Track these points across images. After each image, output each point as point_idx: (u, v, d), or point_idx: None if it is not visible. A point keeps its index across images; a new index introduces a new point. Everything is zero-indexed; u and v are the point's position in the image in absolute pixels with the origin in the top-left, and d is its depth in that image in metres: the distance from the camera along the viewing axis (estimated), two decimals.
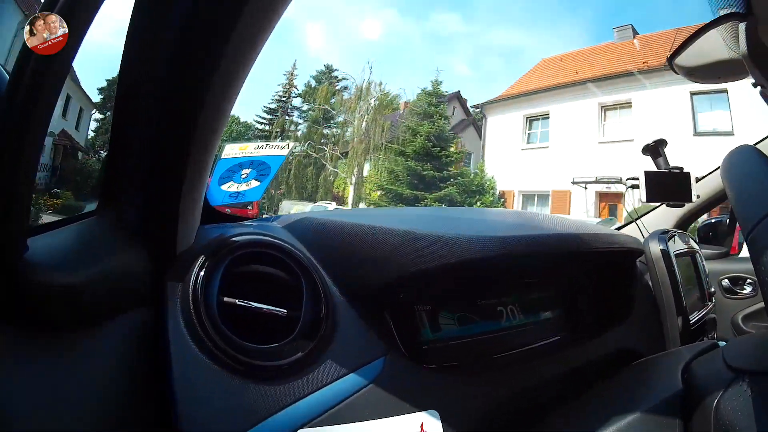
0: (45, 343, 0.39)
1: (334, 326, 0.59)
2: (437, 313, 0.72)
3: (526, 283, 0.85)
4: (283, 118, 24.83)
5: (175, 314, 0.52)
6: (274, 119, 24.93)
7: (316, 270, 0.62)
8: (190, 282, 0.53)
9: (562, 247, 0.77)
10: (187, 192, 0.53)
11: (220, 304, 0.53)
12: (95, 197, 0.55)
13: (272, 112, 25.29)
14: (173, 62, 0.45)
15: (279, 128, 24.52)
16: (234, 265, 0.56)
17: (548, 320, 0.87)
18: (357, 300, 0.63)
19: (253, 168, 0.68)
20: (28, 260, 0.38)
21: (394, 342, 0.63)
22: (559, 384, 0.77)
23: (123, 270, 0.50)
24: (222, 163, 0.66)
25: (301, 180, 20.79)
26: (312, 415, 0.52)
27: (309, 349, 0.55)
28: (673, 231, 1.19)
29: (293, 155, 19.87)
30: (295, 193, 20.43)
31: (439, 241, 0.63)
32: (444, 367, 0.66)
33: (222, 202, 0.69)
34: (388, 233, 0.64)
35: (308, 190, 20.88)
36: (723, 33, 0.78)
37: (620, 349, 0.93)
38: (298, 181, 20.68)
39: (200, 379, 0.49)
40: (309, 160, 21.26)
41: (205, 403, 0.48)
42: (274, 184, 20.05)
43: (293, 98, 25.48)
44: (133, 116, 0.49)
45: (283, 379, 0.53)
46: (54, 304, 0.41)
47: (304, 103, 25.28)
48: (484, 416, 0.64)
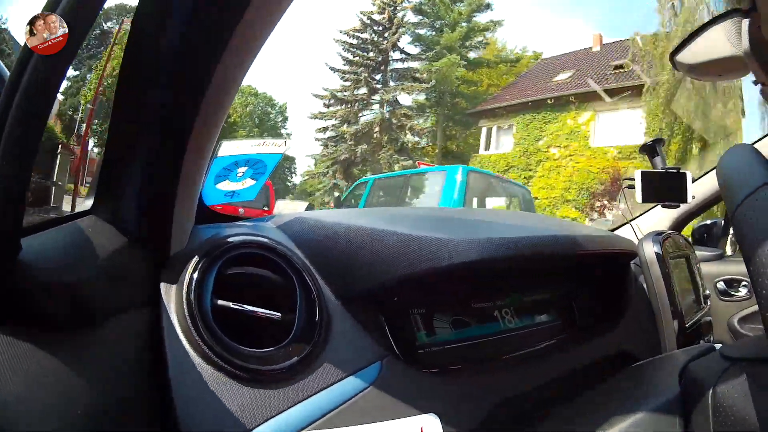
0: (41, 343, 0.39)
1: (329, 330, 0.59)
2: (432, 316, 0.72)
3: (520, 286, 0.86)
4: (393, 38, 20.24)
5: (170, 316, 0.51)
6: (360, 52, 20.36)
7: (310, 272, 0.62)
8: (183, 284, 0.53)
9: (556, 250, 0.77)
10: (182, 191, 0.53)
11: (214, 307, 0.53)
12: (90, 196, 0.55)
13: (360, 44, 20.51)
14: (172, 62, 0.45)
15: (376, 61, 20.60)
16: (227, 267, 0.56)
17: (543, 323, 0.87)
18: (352, 303, 0.63)
19: (249, 166, 0.68)
20: (21, 260, 0.38)
21: (389, 346, 0.63)
22: (555, 387, 0.77)
23: (119, 270, 0.49)
24: (218, 161, 0.65)
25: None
26: (308, 420, 0.52)
27: (304, 354, 0.55)
28: (668, 233, 1.20)
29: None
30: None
31: (434, 244, 0.63)
32: (440, 371, 0.66)
33: (217, 201, 0.69)
34: (382, 235, 0.64)
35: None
36: (725, 30, 0.79)
37: (615, 352, 0.93)
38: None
39: (196, 382, 0.49)
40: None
41: (200, 406, 0.48)
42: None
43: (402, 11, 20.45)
44: (130, 115, 0.49)
45: (278, 383, 0.52)
46: (48, 304, 0.41)
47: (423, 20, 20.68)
48: (481, 420, 0.64)
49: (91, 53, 18.15)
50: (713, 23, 0.81)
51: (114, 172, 0.52)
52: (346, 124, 21.15)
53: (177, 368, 0.49)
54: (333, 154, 21.19)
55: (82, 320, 0.44)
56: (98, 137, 10.53)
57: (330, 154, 21.36)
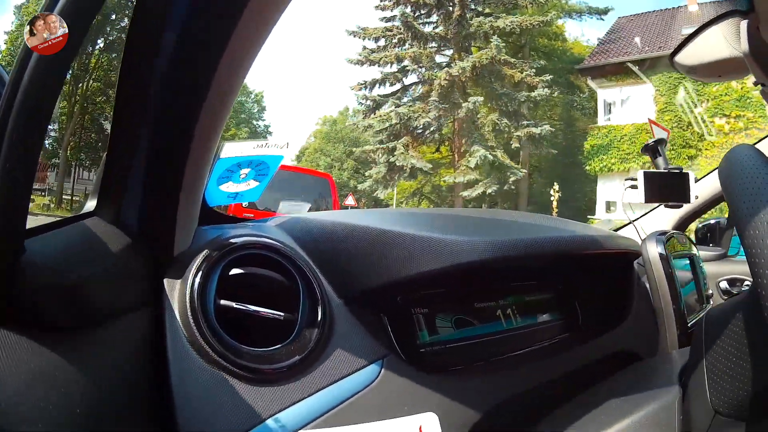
0: (43, 344, 0.39)
1: (331, 329, 0.59)
2: (434, 316, 0.72)
3: (523, 286, 0.86)
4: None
5: (173, 317, 0.52)
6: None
7: (313, 272, 0.62)
8: (187, 284, 0.53)
9: (559, 250, 0.77)
10: (185, 193, 0.53)
11: (217, 307, 0.53)
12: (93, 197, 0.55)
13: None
14: (173, 62, 0.45)
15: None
16: (231, 267, 0.56)
17: (545, 323, 0.87)
18: (354, 303, 0.63)
19: (252, 168, 0.68)
20: (25, 262, 0.38)
21: (391, 345, 0.63)
22: (557, 386, 0.77)
23: (122, 271, 0.50)
24: (221, 162, 0.65)
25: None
26: (309, 418, 0.52)
27: (306, 353, 0.55)
28: (671, 232, 1.19)
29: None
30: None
31: (436, 244, 0.63)
32: (441, 371, 0.66)
33: (220, 202, 0.69)
34: (384, 235, 0.64)
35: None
36: (724, 31, 0.78)
37: (617, 351, 0.93)
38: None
39: (197, 382, 0.49)
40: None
41: (202, 405, 0.48)
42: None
43: None
44: (133, 116, 0.49)
45: (280, 382, 0.53)
46: (52, 305, 0.41)
47: None
48: (482, 419, 0.64)
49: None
50: (712, 24, 0.80)
51: (117, 173, 0.52)
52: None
53: (178, 367, 0.49)
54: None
55: (84, 321, 0.44)
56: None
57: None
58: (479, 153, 15.11)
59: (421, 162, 16.06)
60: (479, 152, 15.10)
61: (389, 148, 16.27)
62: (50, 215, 4.10)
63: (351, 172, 22.81)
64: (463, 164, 15.59)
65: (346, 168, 22.97)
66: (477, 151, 15.20)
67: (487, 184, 15.47)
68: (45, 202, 4.68)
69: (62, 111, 5.63)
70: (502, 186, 15.49)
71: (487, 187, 15.43)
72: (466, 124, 15.94)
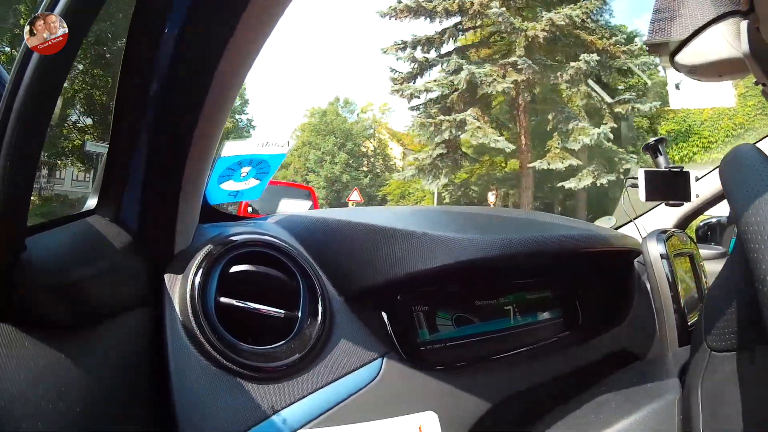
0: (44, 342, 0.39)
1: (331, 327, 0.59)
2: (435, 314, 0.72)
3: (523, 284, 0.86)
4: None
5: (173, 315, 0.52)
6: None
7: (314, 269, 0.62)
8: (187, 282, 0.53)
9: (560, 248, 0.77)
10: (186, 191, 0.53)
11: (218, 305, 0.53)
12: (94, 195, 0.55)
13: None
14: (173, 62, 0.45)
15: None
16: (231, 265, 0.57)
17: (545, 321, 0.87)
18: (354, 300, 0.63)
19: (253, 166, 0.68)
20: (26, 260, 0.38)
21: (391, 343, 0.63)
22: (557, 385, 0.77)
23: (122, 269, 0.50)
24: (222, 161, 0.65)
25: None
26: (310, 416, 0.52)
27: (306, 351, 0.55)
28: (671, 231, 1.19)
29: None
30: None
31: (437, 242, 0.63)
32: (442, 369, 0.66)
33: (221, 200, 0.69)
34: (386, 233, 0.64)
35: None
36: (724, 31, 0.78)
37: (618, 350, 0.93)
38: None
39: (197, 380, 0.49)
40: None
41: (202, 404, 0.49)
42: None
43: None
44: (133, 115, 0.49)
45: (280, 380, 0.53)
46: (52, 303, 0.41)
47: None
48: (482, 417, 0.64)
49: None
50: (712, 24, 0.80)
51: (117, 171, 0.52)
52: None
53: (178, 365, 0.50)
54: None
55: (84, 319, 0.44)
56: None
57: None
58: (591, 132, 11.05)
59: (503, 141, 11.66)
60: (589, 132, 11.10)
61: (456, 121, 11.78)
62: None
63: (343, 165, 22.34)
64: (554, 146, 11.56)
65: (338, 161, 22.25)
66: (585, 129, 11.15)
67: (595, 172, 11.34)
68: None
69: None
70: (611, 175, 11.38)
71: (598, 177, 11.29)
72: (549, 96, 12.25)
